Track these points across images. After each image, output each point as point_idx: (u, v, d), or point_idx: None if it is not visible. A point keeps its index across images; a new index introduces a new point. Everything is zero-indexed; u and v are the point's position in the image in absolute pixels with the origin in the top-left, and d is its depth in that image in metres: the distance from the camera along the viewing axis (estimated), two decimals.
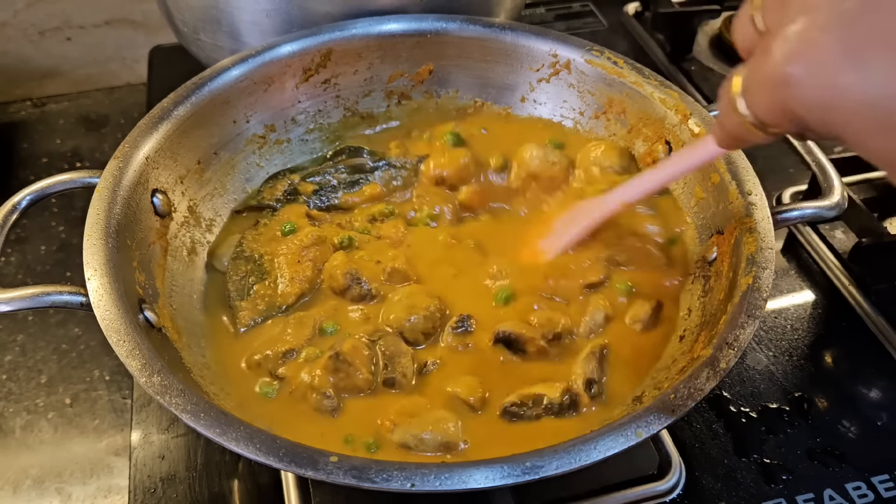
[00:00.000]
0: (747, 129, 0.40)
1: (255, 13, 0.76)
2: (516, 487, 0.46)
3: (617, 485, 0.60)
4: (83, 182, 0.60)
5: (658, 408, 0.47)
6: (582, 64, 0.74)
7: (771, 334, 0.73)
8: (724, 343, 0.50)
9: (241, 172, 0.73)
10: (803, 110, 0.35)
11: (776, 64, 0.35)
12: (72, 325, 0.81)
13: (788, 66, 0.34)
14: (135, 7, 1.11)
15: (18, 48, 1.11)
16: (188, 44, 0.85)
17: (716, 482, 0.62)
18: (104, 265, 0.53)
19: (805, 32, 0.34)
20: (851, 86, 0.32)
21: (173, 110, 0.66)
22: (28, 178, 0.98)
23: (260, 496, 0.61)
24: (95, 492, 0.68)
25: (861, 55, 0.32)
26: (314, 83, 0.76)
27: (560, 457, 0.44)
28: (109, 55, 1.15)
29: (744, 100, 0.39)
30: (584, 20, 1.14)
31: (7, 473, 0.69)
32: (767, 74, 0.36)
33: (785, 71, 0.34)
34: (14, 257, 0.88)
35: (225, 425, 0.45)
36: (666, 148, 0.70)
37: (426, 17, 0.76)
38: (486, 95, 0.80)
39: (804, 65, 0.34)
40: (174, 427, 0.65)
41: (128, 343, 0.49)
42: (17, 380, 0.76)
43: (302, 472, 0.43)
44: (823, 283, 0.78)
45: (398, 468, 0.43)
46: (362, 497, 0.57)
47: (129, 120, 1.07)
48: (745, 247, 0.56)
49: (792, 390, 0.68)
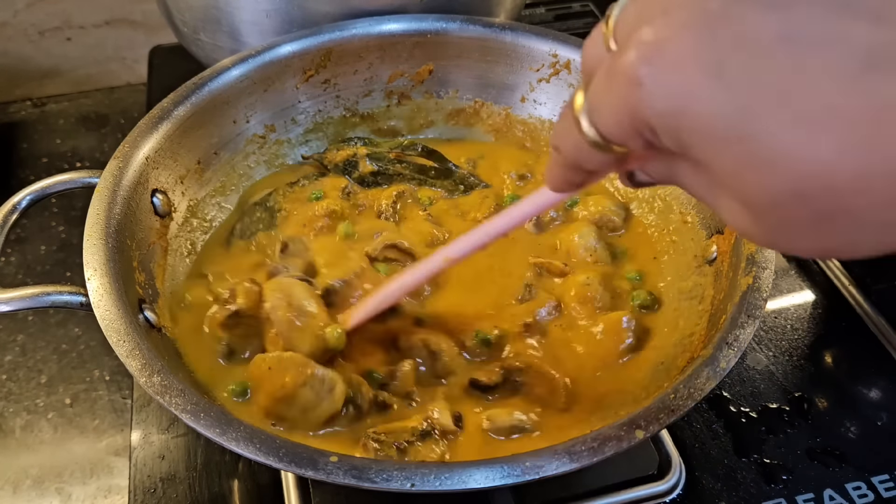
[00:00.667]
0: (588, 148, 0.36)
1: (255, 13, 0.76)
2: (516, 487, 0.46)
3: (617, 485, 0.60)
4: (83, 182, 0.60)
5: (658, 408, 0.47)
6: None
7: (771, 334, 0.73)
8: (724, 343, 0.50)
9: (241, 172, 0.73)
10: (653, 115, 0.31)
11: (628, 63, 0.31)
12: (72, 325, 0.81)
13: (640, 65, 0.31)
14: (135, 7, 1.11)
15: (18, 48, 1.11)
16: (188, 44, 0.85)
17: (716, 482, 0.62)
18: (104, 265, 0.53)
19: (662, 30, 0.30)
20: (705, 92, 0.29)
21: (173, 110, 0.66)
22: (28, 178, 0.98)
23: (260, 496, 0.61)
24: (95, 492, 0.68)
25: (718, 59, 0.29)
26: (314, 83, 0.76)
27: (560, 457, 0.44)
28: (109, 55, 1.15)
29: (587, 115, 0.35)
30: (584, 20, 1.14)
31: (7, 473, 0.69)
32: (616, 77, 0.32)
33: (636, 71, 0.31)
34: (14, 257, 0.88)
35: (225, 425, 0.45)
36: None
37: (426, 17, 0.76)
38: (486, 95, 0.80)
39: (658, 64, 0.30)
40: (174, 427, 0.65)
41: (128, 343, 0.49)
42: (17, 380, 0.76)
43: (302, 472, 0.43)
44: (823, 283, 0.78)
45: (398, 468, 0.43)
46: (362, 497, 0.57)
47: (129, 120, 1.08)
48: (745, 247, 0.56)
49: (792, 390, 0.68)
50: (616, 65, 0.32)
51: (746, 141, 0.29)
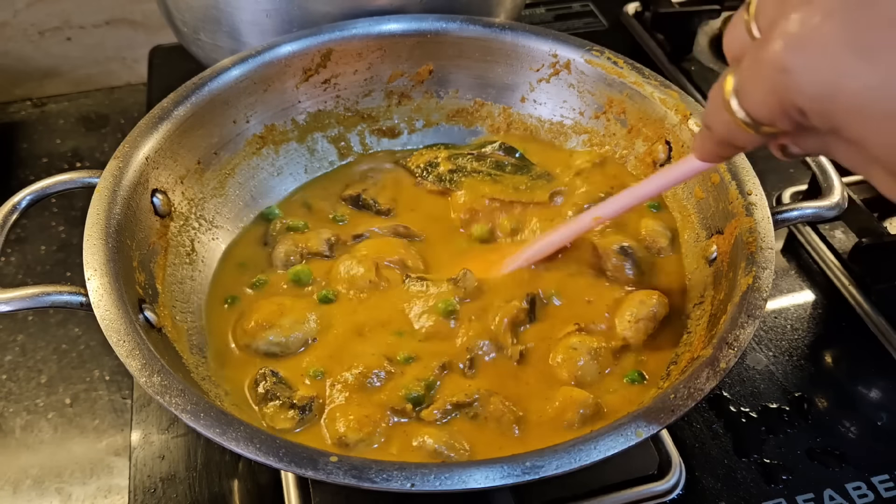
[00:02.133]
0: (738, 128, 0.38)
1: (255, 13, 0.76)
2: (516, 487, 0.46)
3: (617, 485, 0.60)
4: (83, 182, 0.60)
5: (658, 408, 0.47)
6: (582, 64, 0.74)
7: (771, 334, 0.73)
8: (724, 343, 0.50)
9: (241, 172, 0.73)
10: (803, 99, 0.33)
11: (775, 52, 0.33)
12: (72, 325, 0.81)
13: (788, 53, 0.33)
14: (135, 7, 1.11)
15: (18, 48, 1.11)
16: (188, 44, 0.85)
17: (716, 482, 0.62)
18: (104, 265, 0.53)
19: (807, 19, 0.32)
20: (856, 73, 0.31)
21: (173, 110, 0.66)
22: (28, 178, 0.98)
23: (260, 496, 0.61)
24: (95, 492, 0.68)
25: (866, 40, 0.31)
26: (314, 83, 0.76)
27: (560, 457, 0.44)
28: (109, 55, 1.15)
29: (736, 97, 0.37)
30: (584, 20, 1.14)
31: (7, 473, 0.69)
32: (765, 64, 0.34)
33: (784, 58, 0.33)
34: (14, 257, 0.88)
35: (225, 425, 0.45)
36: (666, 148, 0.70)
37: (426, 17, 0.76)
38: (486, 95, 0.80)
39: (805, 51, 0.32)
40: (174, 427, 0.65)
41: (128, 343, 0.49)
42: (17, 380, 0.76)
43: (302, 472, 0.43)
44: (823, 283, 0.78)
45: (398, 468, 0.43)
46: (362, 497, 0.57)
47: (129, 120, 1.07)
48: (745, 247, 0.56)
49: (792, 390, 0.68)
50: (763, 53, 0.34)
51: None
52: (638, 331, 0.61)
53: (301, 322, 0.61)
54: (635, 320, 0.61)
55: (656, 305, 0.61)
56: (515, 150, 0.77)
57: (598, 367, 0.59)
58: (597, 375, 0.59)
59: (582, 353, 0.59)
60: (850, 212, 0.74)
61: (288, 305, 0.62)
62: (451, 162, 0.75)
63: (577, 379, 0.58)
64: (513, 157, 0.76)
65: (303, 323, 0.61)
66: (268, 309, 0.61)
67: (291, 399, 0.56)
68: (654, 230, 0.68)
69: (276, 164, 0.76)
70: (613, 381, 0.59)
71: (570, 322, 0.62)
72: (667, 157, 0.70)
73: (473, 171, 0.74)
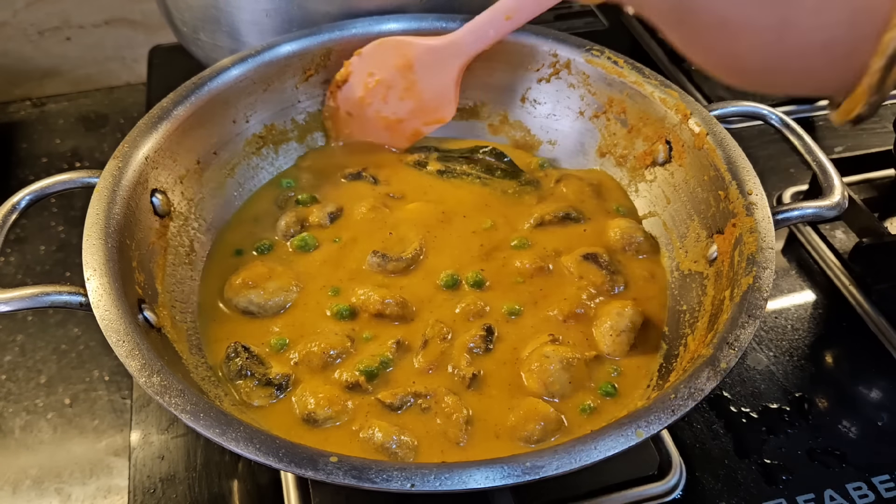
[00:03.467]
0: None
1: (254, 13, 0.76)
2: (516, 487, 0.46)
3: (617, 485, 0.60)
4: (83, 182, 0.60)
5: (658, 408, 0.47)
6: (582, 64, 0.74)
7: (771, 334, 0.73)
8: (725, 343, 0.50)
9: (241, 172, 0.73)
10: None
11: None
12: (71, 325, 0.81)
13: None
14: (134, 7, 1.11)
15: (18, 48, 1.11)
16: (188, 43, 0.85)
17: (716, 482, 0.62)
18: (104, 265, 0.53)
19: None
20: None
21: (173, 110, 0.65)
22: (28, 178, 0.98)
23: (260, 496, 0.61)
24: (95, 492, 0.68)
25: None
26: (314, 83, 0.76)
27: (560, 457, 0.44)
28: (109, 55, 1.15)
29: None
30: (584, 20, 1.14)
31: (7, 473, 0.69)
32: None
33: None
34: (14, 257, 0.88)
35: (225, 425, 0.45)
36: (666, 147, 0.70)
37: (426, 17, 0.76)
38: (486, 95, 0.80)
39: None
40: (174, 427, 0.65)
41: (127, 343, 0.49)
42: (16, 380, 0.76)
43: (302, 472, 0.43)
44: (824, 283, 0.78)
45: (398, 468, 0.43)
46: (362, 497, 0.57)
47: (128, 120, 1.07)
48: (746, 247, 0.56)
49: (792, 390, 0.68)
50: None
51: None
52: (620, 343, 0.60)
53: (284, 289, 0.64)
54: (616, 333, 0.61)
55: (632, 315, 0.61)
56: (505, 155, 0.77)
57: (569, 377, 0.58)
58: (567, 386, 0.58)
59: (554, 362, 0.58)
60: (850, 212, 0.75)
61: (279, 272, 0.65)
62: (440, 163, 0.76)
63: (547, 388, 0.57)
64: (502, 162, 0.76)
65: (285, 290, 0.64)
66: (258, 270, 0.64)
67: (267, 376, 0.57)
68: (626, 227, 0.69)
69: (276, 164, 0.76)
70: (588, 395, 0.58)
71: (542, 333, 0.61)
72: (667, 157, 0.70)
73: (463, 174, 0.75)
